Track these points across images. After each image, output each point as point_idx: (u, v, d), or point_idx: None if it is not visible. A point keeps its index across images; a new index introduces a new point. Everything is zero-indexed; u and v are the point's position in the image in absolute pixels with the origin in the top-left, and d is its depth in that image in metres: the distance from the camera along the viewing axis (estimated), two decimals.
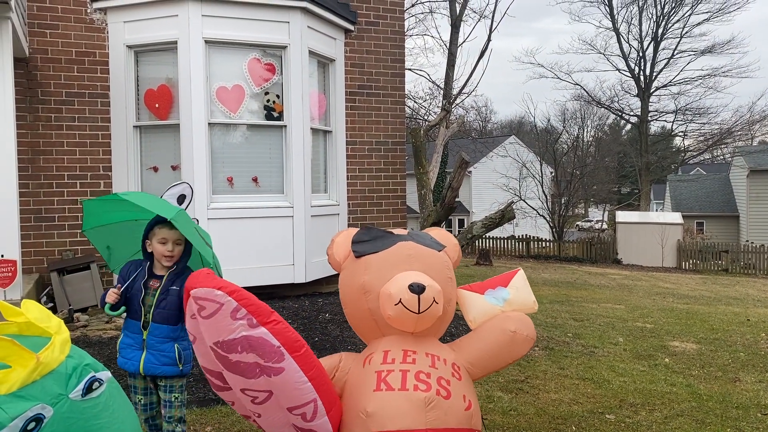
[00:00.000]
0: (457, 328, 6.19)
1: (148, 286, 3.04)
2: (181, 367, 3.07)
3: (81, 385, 1.66)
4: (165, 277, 3.04)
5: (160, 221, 3.01)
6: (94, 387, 1.69)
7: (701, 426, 4.30)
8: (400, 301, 2.80)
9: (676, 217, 24.54)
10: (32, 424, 1.54)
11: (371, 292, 2.94)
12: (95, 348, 5.37)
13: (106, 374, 1.76)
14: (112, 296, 2.97)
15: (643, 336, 7.19)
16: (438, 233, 3.34)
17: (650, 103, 35.20)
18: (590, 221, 49.19)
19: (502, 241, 25.52)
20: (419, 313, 2.80)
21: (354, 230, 3.25)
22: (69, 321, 6.15)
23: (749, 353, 6.49)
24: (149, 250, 3.07)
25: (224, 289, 2.49)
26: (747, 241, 26.11)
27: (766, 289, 14.81)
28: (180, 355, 3.06)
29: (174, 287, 3.02)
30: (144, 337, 3.02)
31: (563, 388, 5.05)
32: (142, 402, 3.14)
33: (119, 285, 3.02)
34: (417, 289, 2.79)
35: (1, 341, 1.55)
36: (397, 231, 3.24)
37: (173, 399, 3.12)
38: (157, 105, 7.09)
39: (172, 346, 3.04)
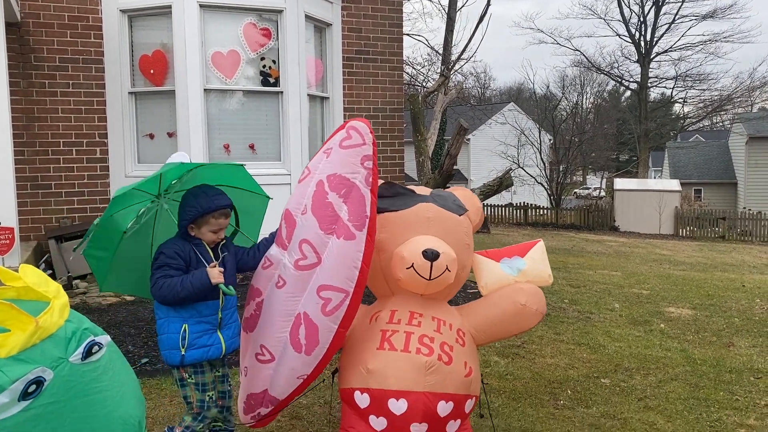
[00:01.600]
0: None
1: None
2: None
3: (81, 349, 1.67)
4: (219, 249, 2.85)
5: (210, 211, 2.73)
6: (93, 351, 1.70)
7: (695, 389, 4.36)
8: (412, 266, 2.75)
9: (674, 185, 24.52)
10: (33, 387, 1.55)
11: (385, 252, 2.89)
12: (95, 315, 5.40)
13: (105, 338, 1.77)
14: (221, 275, 2.65)
15: (639, 302, 7.25)
16: (463, 194, 3.21)
17: (650, 69, 34.90)
18: (588, 188, 49.16)
19: (500, 208, 25.49)
20: (429, 279, 2.77)
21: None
22: (68, 288, 6.17)
23: (743, 319, 6.56)
24: (192, 234, 2.78)
25: (373, 136, 2.76)
26: (744, 208, 26.15)
27: (761, 256, 14.89)
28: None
29: (226, 254, 2.87)
30: (220, 315, 2.79)
31: (559, 353, 5.11)
32: (214, 395, 2.87)
33: (214, 263, 2.74)
34: (431, 255, 2.74)
35: None
36: (419, 190, 3.11)
37: (230, 387, 3.00)
38: (152, 71, 7.00)
39: (237, 314, 2.92)
